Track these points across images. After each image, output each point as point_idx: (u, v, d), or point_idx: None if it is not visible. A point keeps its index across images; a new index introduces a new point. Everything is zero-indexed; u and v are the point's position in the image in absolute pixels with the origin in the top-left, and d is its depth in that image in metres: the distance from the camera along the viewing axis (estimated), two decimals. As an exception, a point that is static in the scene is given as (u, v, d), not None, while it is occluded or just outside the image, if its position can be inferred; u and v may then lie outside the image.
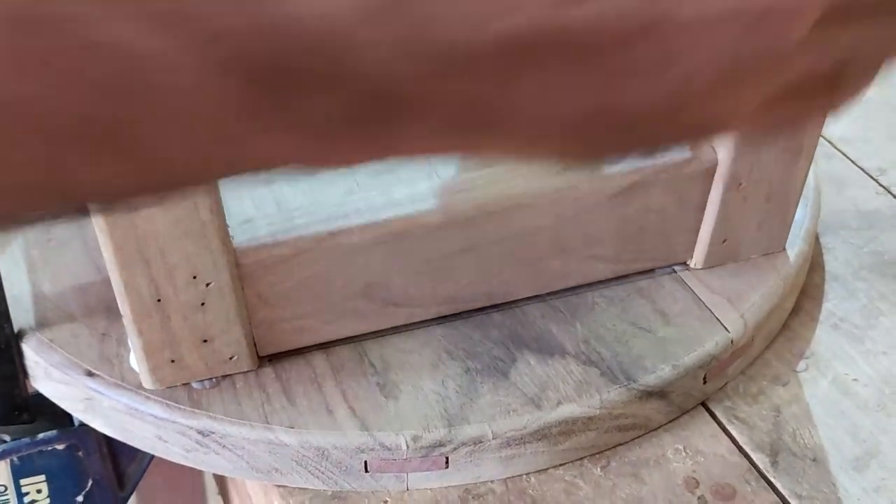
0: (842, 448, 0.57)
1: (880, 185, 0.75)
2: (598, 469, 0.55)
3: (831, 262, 0.68)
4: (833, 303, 0.65)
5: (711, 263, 0.62)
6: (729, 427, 0.58)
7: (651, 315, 0.59)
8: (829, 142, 0.78)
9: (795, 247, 0.63)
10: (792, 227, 0.63)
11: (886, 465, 0.56)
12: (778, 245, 0.63)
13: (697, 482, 0.55)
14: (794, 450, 0.57)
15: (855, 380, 0.61)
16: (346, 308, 0.55)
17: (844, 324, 0.64)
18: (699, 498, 0.54)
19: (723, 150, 0.56)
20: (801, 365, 0.61)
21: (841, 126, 0.80)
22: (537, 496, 0.54)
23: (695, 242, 0.60)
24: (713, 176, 0.57)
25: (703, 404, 0.59)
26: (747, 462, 0.56)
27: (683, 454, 0.56)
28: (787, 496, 0.54)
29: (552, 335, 0.57)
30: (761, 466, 0.56)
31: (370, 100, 0.23)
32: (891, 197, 0.73)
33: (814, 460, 0.56)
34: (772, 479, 0.55)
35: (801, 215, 0.64)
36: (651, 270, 0.61)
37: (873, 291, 0.66)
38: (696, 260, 0.61)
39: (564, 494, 0.53)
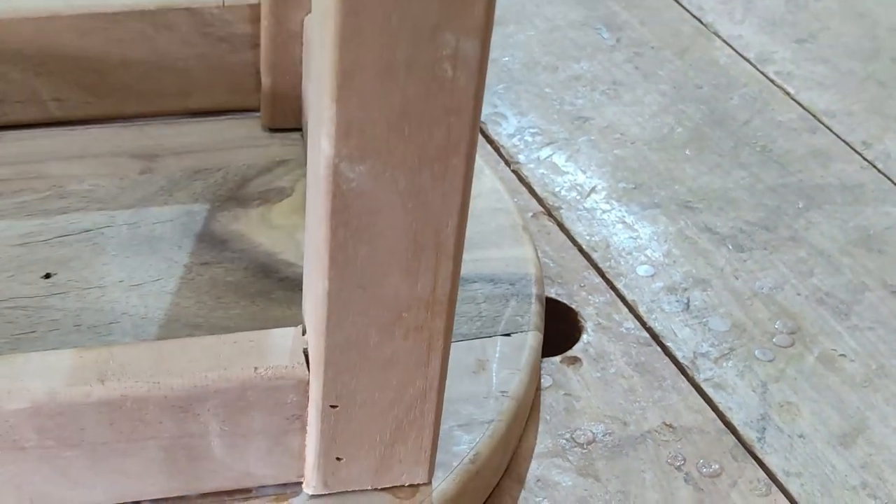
0: (829, 424, 0.56)
1: (865, 159, 0.74)
2: None
3: (816, 237, 0.68)
4: (818, 278, 0.65)
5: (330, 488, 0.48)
6: (716, 402, 0.57)
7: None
8: (814, 115, 0.78)
9: (446, 481, 0.49)
10: (455, 453, 0.50)
11: (873, 441, 0.56)
12: (416, 476, 0.48)
13: (684, 458, 0.54)
14: (781, 426, 0.56)
15: (842, 355, 0.60)
16: None
17: (830, 299, 0.64)
18: (686, 475, 0.54)
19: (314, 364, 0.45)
20: (787, 340, 0.61)
21: (825, 100, 0.79)
22: None
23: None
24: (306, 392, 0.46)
25: (688, 377, 0.59)
26: (734, 438, 0.55)
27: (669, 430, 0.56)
28: (775, 472, 0.54)
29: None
30: (749, 442, 0.55)
31: None
32: (875, 171, 0.73)
33: (801, 436, 0.56)
34: (759, 456, 0.55)
35: (469, 441, 0.51)
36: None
37: (858, 267, 0.66)
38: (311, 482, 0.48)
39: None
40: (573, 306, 0.62)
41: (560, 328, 0.62)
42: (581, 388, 0.58)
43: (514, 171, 0.72)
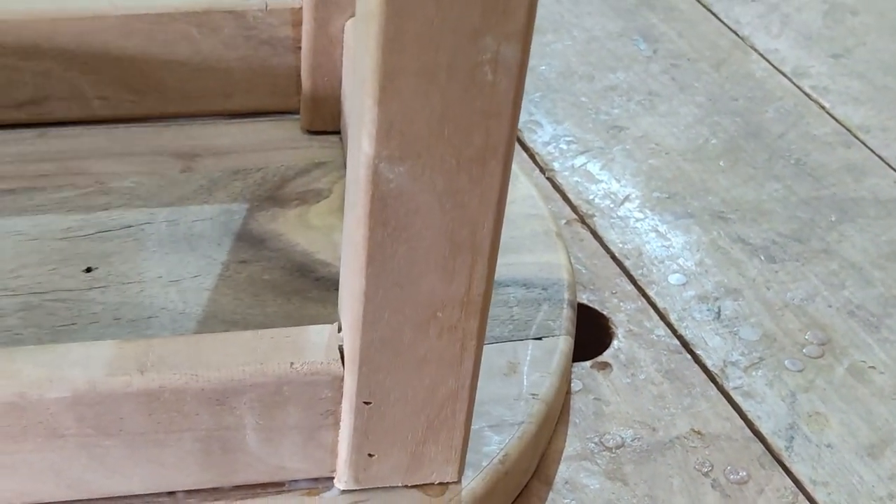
0: (857, 435, 0.57)
1: (899, 174, 0.74)
2: None
3: (849, 251, 0.68)
4: (850, 290, 0.65)
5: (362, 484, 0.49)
6: (745, 410, 0.58)
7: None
8: (849, 130, 0.78)
9: (475, 480, 0.50)
10: (485, 453, 0.51)
11: (901, 453, 0.56)
12: (446, 474, 0.49)
13: (712, 465, 0.55)
14: (809, 435, 0.56)
15: (871, 367, 0.60)
16: None
17: (861, 311, 0.64)
18: (713, 481, 0.54)
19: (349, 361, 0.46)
20: (817, 351, 0.61)
21: (860, 114, 0.80)
22: None
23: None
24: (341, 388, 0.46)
25: (717, 385, 0.59)
26: (762, 446, 0.56)
27: (697, 437, 0.56)
28: (802, 481, 0.54)
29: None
30: (777, 451, 0.56)
31: None
32: (909, 186, 0.73)
33: (829, 446, 0.56)
34: (787, 464, 0.55)
35: (499, 441, 0.52)
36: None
37: (890, 280, 0.66)
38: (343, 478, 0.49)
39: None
40: (605, 312, 0.63)
41: (591, 334, 0.63)
42: (611, 392, 0.58)
43: (548, 179, 0.73)
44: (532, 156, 0.75)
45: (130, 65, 0.65)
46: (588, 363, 0.60)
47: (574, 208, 0.70)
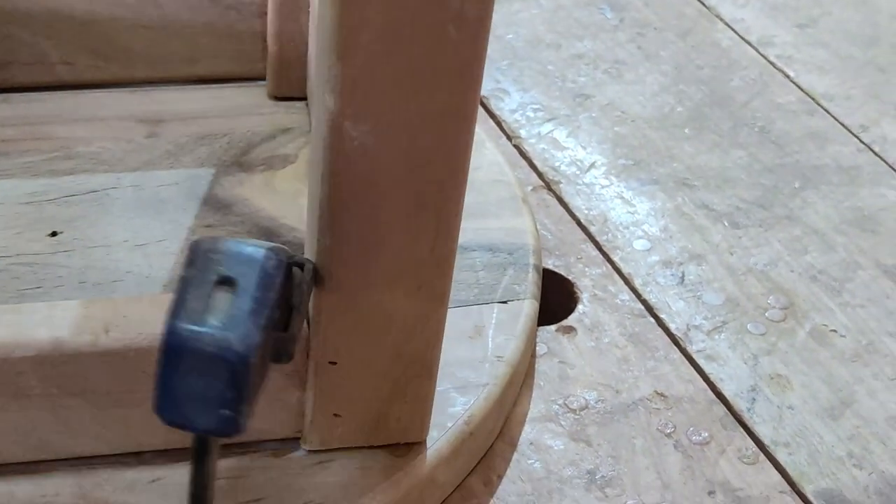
0: (818, 396, 0.57)
1: (862, 141, 0.75)
2: None
3: (811, 217, 0.69)
4: (812, 256, 0.66)
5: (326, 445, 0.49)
6: (707, 372, 0.58)
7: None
8: (813, 98, 0.79)
9: (440, 440, 0.50)
10: (450, 414, 0.51)
11: (861, 414, 0.57)
12: (412, 435, 0.49)
13: (674, 426, 0.55)
14: (770, 397, 0.57)
15: (833, 330, 0.61)
16: None
17: (823, 276, 0.65)
18: (675, 442, 0.55)
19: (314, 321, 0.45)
20: (780, 315, 0.62)
21: (824, 83, 0.80)
22: None
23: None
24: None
25: (681, 348, 0.60)
26: (724, 408, 0.57)
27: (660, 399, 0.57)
28: (764, 442, 0.55)
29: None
30: (738, 412, 0.56)
31: None
32: (872, 154, 0.74)
33: (790, 408, 0.57)
34: (749, 425, 0.56)
35: (464, 402, 0.52)
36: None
37: (852, 245, 0.67)
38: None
39: None
40: (570, 278, 0.63)
41: (556, 299, 0.63)
42: (575, 356, 0.59)
43: (515, 146, 0.73)
44: (499, 123, 0.75)
45: (95, 29, 0.65)
46: (553, 327, 0.60)
47: (540, 175, 0.71)
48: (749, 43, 0.84)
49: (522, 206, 0.63)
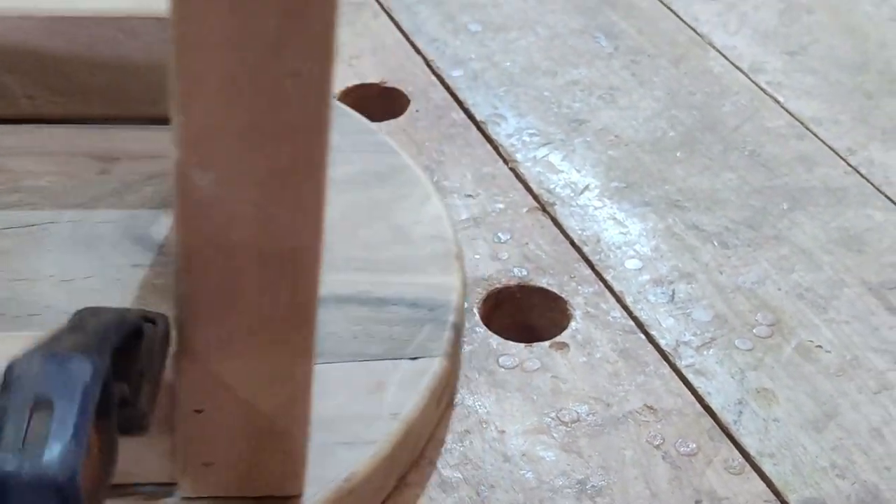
0: (803, 409, 0.59)
1: (849, 164, 0.77)
2: (569, 424, 0.57)
3: (799, 237, 0.71)
4: (799, 274, 0.68)
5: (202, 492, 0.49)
6: (696, 386, 0.60)
7: None
8: (802, 122, 0.81)
9: (317, 496, 0.50)
10: (332, 470, 0.51)
11: (844, 426, 0.58)
12: (286, 488, 0.49)
13: (663, 438, 0.57)
14: (757, 410, 0.59)
15: (818, 346, 0.63)
16: None
17: (809, 293, 0.66)
18: (664, 453, 0.56)
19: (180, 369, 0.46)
20: (767, 331, 0.64)
21: (813, 108, 0.82)
22: None
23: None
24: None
25: (670, 363, 0.61)
26: (712, 420, 0.58)
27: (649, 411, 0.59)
28: (749, 453, 0.57)
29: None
30: (725, 424, 0.58)
31: None
32: (859, 176, 0.76)
33: (775, 420, 0.59)
34: (735, 437, 0.57)
35: (348, 459, 0.51)
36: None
37: (838, 264, 0.69)
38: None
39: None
40: (563, 296, 0.65)
41: (550, 316, 0.65)
42: (567, 371, 0.61)
43: (511, 169, 0.75)
44: (496, 147, 0.77)
45: (56, 66, 0.65)
46: (546, 343, 0.62)
47: (536, 197, 0.73)
48: (740, 69, 0.86)
49: (454, 262, 0.62)
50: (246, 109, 0.38)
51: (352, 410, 0.54)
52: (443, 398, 0.58)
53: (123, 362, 0.41)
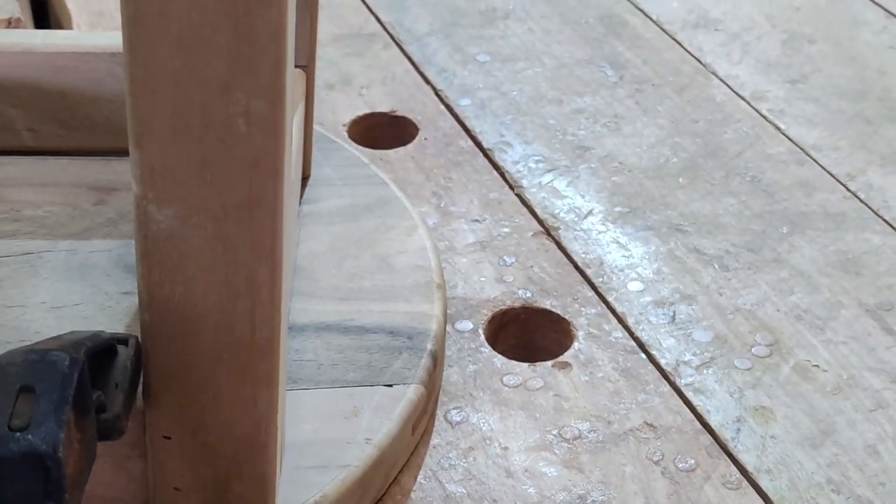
0: (800, 427, 0.61)
1: (848, 189, 0.79)
2: (571, 440, 0.59)
3: (798, 260, 0.72)
4: (798, 296, 0.69)
5: None
6: (695, 404, 0.62)
7: None
8: (802, 149, 0.82)
9: None
10: (304, 494, 0.52)
11: (840, 443, 0.60)
12: None
13: (662, 454, 0.59)
14: (754, 427, 0.60)
15: (815, 366, 0.64)
16: None
17: (808, 315, 0.68)
18: (663, 469, 0.58)
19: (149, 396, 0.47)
20: (765, 351, 0.65)
21: (814, 135, 0.84)
22: None
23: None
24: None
25: (670, 382, 0.63)
26: (710, 437, 0.60)
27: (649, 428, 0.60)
28: (747, 469, 0.58)
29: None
30: (724, 441, 0.60)
31: None
32: (857, 201, 0.77)
33: (773, 437, 0.60)
34: (733, 453, 0.59)
35: (319, 483, 0.52)
36: None
37: (836, 287, 0.70)
38: None
39: None
40: (566, 317, 0.67)
41: (553, 337, 0.67)
42: (570, 389, 0.62)
43: (517, 195, 0.77)
44: (502, 174, 0.79)
45: (59, 99, 0.66)
46: (549, 363, 0.64)
47: (541, 222, 0.75)
48: (743, 98, 0.88)
49: (436, 292, 0.64)
50: (198, 146, 0.39)
51: (326, 435, 0.55)
52: (419, 425, 0.59)
53: (98, 373, 0.43)
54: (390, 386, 0.58)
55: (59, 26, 0.97)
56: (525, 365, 0.64)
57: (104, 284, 0.61)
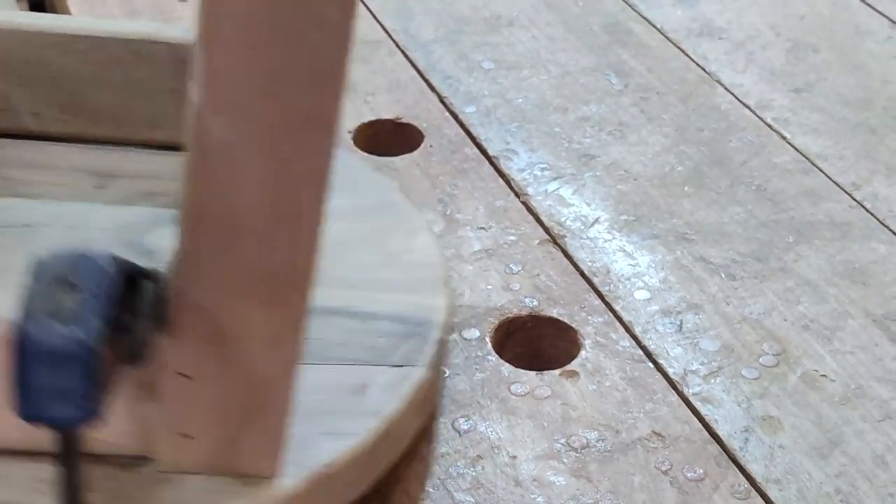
0: (808, 436, 0.61)
1: (854, 199, 0.79)
2: None
3: (804, 269, 0.72)
4: (805, 306, 0.69)
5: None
6: (703, 414, 0.61)
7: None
8: (808, 158, 0.82)
9: (296, 478, 0.50)
10: (312, 456, 0.51)
11: (848, 454, 0.60)
12: (264, 468, 0.49)
13: (671, 464, 0.59)
14: (763, 437, 0.60)
15: (823, 375, 0.64)
16: None
17: (815, 324, 0.68)
18: (672, 479, 0.58)
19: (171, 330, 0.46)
20: (772, 361, 0.65)
21: (819, 144, 0.84)
22: None
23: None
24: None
25: (678, 391, 0.63)
26: (718, 447, 0.60)
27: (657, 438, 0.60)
28: (756, 479, 0.58)
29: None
30: (732, 451, 0.59)
31: None
32: (863, 210, 0.78)
33: (781, 447, 0.60)
34: (742, 463, 0.59)
35: (329, 448, 0.52)
36: None
37: (843, 296, 0.70)
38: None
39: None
40: (574, 326, 0.67)
41: (560, 345, 0.67)
42: (577, 398, 0.62)
43: (523, 203, 0.77)
44: (508, 181, 0.79)
45: (65, 83, 0.66)
46: (557, 372, 0.64)
47: (547, 230, 0.74)
48: (748, 106, 0.88)
49: (442, 287, 0.63)
50: (265, 53, 0.38)
51: (334, 405, 0.54)
52: (424, 409, 0.59)
53: (125, 296, 0.42)
54: (398, 367, 0.57)
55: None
56: (532, 373, 0.64)
57: None
